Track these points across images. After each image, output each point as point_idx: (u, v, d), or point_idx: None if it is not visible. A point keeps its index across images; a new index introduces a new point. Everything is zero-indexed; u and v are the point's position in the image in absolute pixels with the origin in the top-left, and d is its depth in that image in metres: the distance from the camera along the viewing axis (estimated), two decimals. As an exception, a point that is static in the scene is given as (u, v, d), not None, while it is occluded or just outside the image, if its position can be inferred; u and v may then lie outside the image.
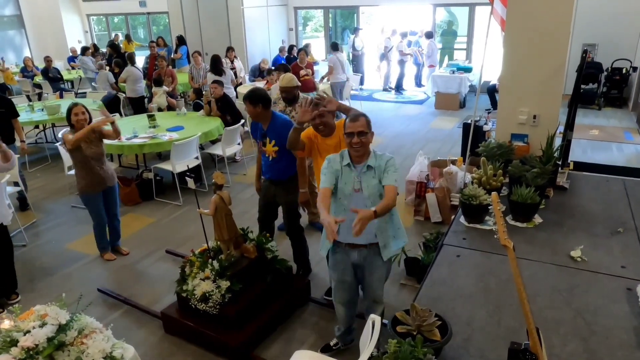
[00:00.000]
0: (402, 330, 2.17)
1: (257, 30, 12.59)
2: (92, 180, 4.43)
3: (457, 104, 10.48)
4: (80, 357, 2.30)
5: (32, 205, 5.99)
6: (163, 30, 15.66)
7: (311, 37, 16.39)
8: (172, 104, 8.14)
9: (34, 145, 8.32)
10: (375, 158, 2.80)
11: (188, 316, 3.52)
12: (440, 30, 13.33)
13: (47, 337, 2.27)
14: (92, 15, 16.14)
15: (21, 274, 4.51)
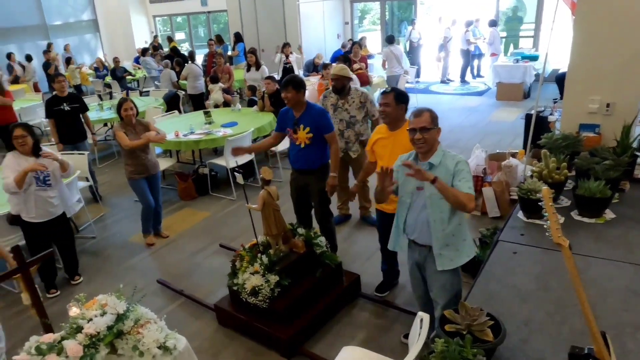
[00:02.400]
0: (451, 329, 2.06)
1: (312, 25, 12.62)
2: (137, 167, 4.77)
3: (521, 94, 9.96)
4: (136, 345, 2.40)
5: (102, 199, 6.38)
6: (222, 28, 16.11)
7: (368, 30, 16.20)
8: (228, 100, 8.33)
9: (103, 142, 8.84)
10: (442, 156, 2.64)
11: (239, 309, 3.59)
12: (505, 18, 12.71)
13: (107, 325, 2.39)
14: (157, 16, 16.91)
15: (90, 264, 4.84)
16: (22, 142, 3.95)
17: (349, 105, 4.65)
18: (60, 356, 2.22)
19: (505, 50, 12.02)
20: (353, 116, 4.65)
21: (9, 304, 4.27)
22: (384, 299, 3.88)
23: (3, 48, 14.16)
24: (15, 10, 14.43)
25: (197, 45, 15.13)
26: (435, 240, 2.67)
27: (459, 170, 2.57)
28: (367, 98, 4.69)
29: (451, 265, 2.71)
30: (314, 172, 4.08)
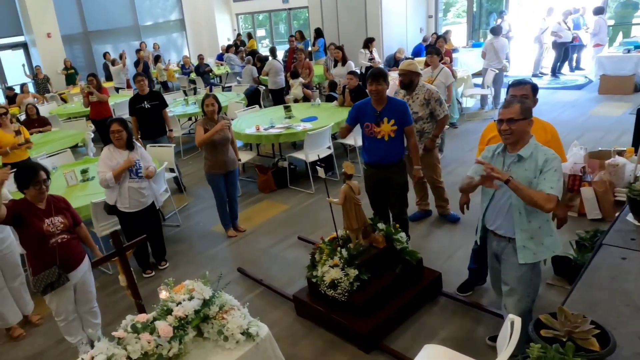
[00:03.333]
0: (548, 334, 1.93)
1: (394, 19, 12.46)
2: (216, 162, 4.96)
3: (631, 88, 9.12)
4: (221, 330, 2.53)
5: (186, 190, 6.75)
6: (303, 24, 16.39)
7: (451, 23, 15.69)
8: (307, 95, 8.46)
9: (187, 136, 9.35)
10: (533, 149, 2.57)
11: (318, 301, 3.63)
12: (616, 4, 11.70)
13: (195, 309, 2.53)
14: (240, 14, 17.57)
15: (175, 251, 5.14)
16: (118, 136, 4.29)
17: (412, 101, 4.56)
18: (153, 335, 2.38)
19: (612, 41, 11.07)
20: (415, 112, 4.55)
21: (104, 284, 4.65)
22: (467, 299, 3.76)
23: (100, 48, 15.48)
24: (113, 14, 15.69)
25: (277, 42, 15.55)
26: (518, 232, 2.64)
27: (546, 168, 2.51)
28: (432, 96, 4.56)
29: (534, 258, 2.68)
30: (394, 166, 4.07)
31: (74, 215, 3.55)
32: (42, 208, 3.33)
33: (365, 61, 9.75)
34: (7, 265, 4.00)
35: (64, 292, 3.43)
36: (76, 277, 3.48)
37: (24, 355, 3.88)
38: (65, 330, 3.61)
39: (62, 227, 3.37)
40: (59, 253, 3.31)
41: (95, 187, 5.26)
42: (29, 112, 8.46)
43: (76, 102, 11.03)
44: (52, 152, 6.65)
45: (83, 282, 3.57)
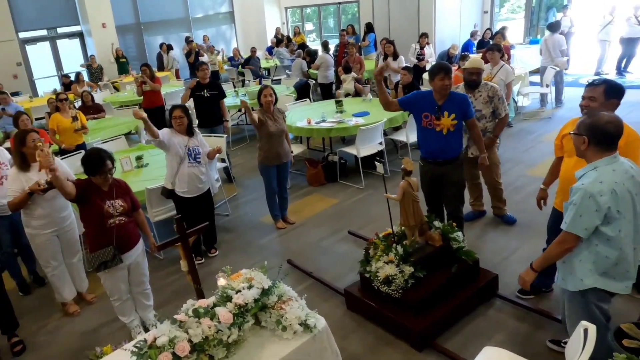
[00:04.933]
0: (631, 345, 1.86)
1: (448, 15, 12.25)
2: (271, 153, 5.04)
3: None
4: (279, 320, 2.58)
5: (235, 180, 6.88)
6: (351, 19, 16.33)
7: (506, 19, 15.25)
8: (359, 90, 8.42)
9: (236, 127, 9.51)
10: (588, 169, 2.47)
11: (370, 296, 3.63)
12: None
13: (254, 298, 2.59)
14: (289, 7, 17.70)
15: (224, 239, 5.26)
16: (179, 122, 4.45)
17: (475, 99, 4.47)
18: (213, 321, 2.43)
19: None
20: (479, 110, 4.47)
21: (155, 268, 4.79)
22: (527, 303, 3.66)
23: (150, 39, 15.97)
24: (165, 5, 16.12)
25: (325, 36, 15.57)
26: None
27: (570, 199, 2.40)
28: (495, 93, 4.47)
29: (566, 285, 2.57)
30: (451, 162, 4.03)
31: (133, 200, 3.71)
32: (105, 190, 3.49)
33: (413, 57, 9.63)
34: (67, 241, 4.22)
35: (117, 272, 3.59)
36: (130, 259, 3.63)
37: (78, 331, 4.09)
38: (119, 309, 3.77)
39: (122, 210, 3.53)
40: (116, 234, 3.48)
41: (150, 173, 5.46)
42: (84, 99, 8.83)
43: (128, 90, 11.41)
44: (106, 138, 6.94)
45: (137, 264, 3.73)
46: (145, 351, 2.33)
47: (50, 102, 8.16)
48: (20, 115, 5.44)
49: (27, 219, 4.01)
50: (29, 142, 3.87)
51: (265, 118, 4.96)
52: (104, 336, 3.95)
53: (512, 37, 12.01)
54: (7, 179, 4.25)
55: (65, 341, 3.98)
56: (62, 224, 4.11)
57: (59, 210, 4.05)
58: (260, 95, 5.02)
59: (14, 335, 3.94)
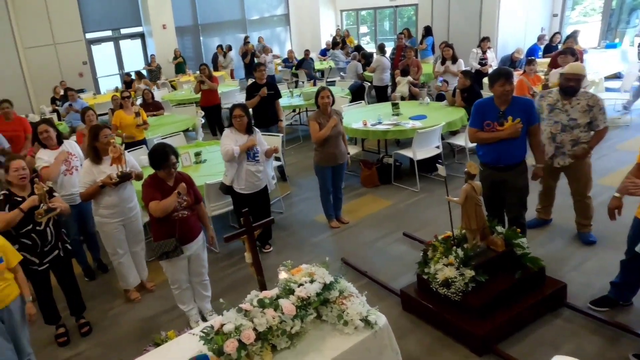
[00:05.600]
0: None
1: (512, 18, 11.94)
2: (327, 155, 5.13)
3: None
4: (341, 315, 2.63)
5: (289, 179, 7.01)
6: (407, 22, 16.25)
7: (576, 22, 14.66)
8: (415, 94, 8.38)
9: (289, 127, 9.67)
10: None
11: (427, 298, 3.62)
12: None
13: (316, 292, 2.65)
14: (344, 10, 17.82)
15: (278, 236, 5.37)
16: (239, 120, 4.60)
17: (571, 107, 4.24)
18: (277, 312, 2.51)
19: None
20: (574, 119, 4.24)
21: (212, 261, 4.86)
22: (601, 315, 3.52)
23: (207, 40, 16.50)
24: (222, 7, 16.63)
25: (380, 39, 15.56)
26: None
27: None
28: (597, 103, 4.20)
29: None
30: (515, 167, 3.97)
31: (196, 194, 3.87)
32: (170, 185, 3.68)
33: (475, 62, 9.46)
34: (132, 231, 4.45)
35: (178, 262, 3.77)
36: (190, 250, 3.79)
37: (139, 316, 4.29)
38: (179, 298, 3.95)
39: (185, 204, 3.70)
40: (179, 226, 3.65)
41: (208, 169, 5.65)
42: (145, 96, 9.25)
43: (185, 89, 11.84)
44: (165, 135, 7.21)
45: (197, 256, 3.89)
46: (212, 337, 2.42)
47: (113, 99, 8.59)
48: (87, 111, 5.78)
49: (96, 208, 4.26)
50: (101, 138, 4.13)
51: (322, 120, 5.04)
52: (163, 323, 4.12)
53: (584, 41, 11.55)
54: (77, 169, 4.58)
55: (127, 325, 4.19)
56: (129, 214, 4.34)
57: (126, 200, 4.28)
58: (317, 97, 5.10)
59: (81, 317, 4.20)
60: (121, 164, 4.09)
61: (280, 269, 2.89)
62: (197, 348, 2.43)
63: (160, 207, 3.53)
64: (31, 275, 3.70)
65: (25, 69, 13.64)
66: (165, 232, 3.63)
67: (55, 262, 3.88)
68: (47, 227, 3.74)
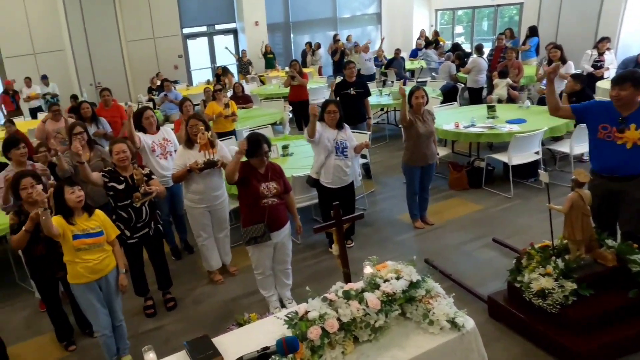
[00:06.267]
0: None
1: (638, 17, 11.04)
2: (417, 154, 5.15)
3: None
4: (426, 314, 2.61)
5: (373, 176, 7.06)
6: (508, 22, 15.61)
7: None
8: (513, 96, 8.02)
9: (376, 125, 9.66)
10: None
11: (519, 307, 3.50)
12: None
13: (402, 289, 2.66)
14: (440, 9, 17.50)
15: (361, 232, 5.44)
16: (332, 116, 4.72)
17: None
18: (361, 304, 2.54)
19: None
20: None
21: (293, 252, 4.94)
22: None
23: (297, 37, 16.95)
24: (314, 5, 17.01)
25: (476, 39, 15.07)
26: None
27: None
28: None
29: None
30: (634, 178, 3.63)
31: (286, 184, 4.01)
32: (261, 173, 3.84)
33: (588, 65, 8.86)
34: (218, 218, 4.69)
35: (264, 248, 3.91)
36: (277, 238, 3.93)
37: (221, 298, 4.54)
38: (261, 283, 4.11)
39: (275, 192, 3.84)
40: (268, 213, 3.79)
41: (294, 162, 5.81)
42: (235, 89, 9.68)
43: (274, 84, 12.24)
44: (253, 127, 7.47)
45: (282, 244, 4.02)
46: (296, 322, 2.49)
47: (205, 91, 9.07)
48: (185, 102, 6.22)
49: (185, 192, 4.59)
50: (191, 124, 4.42)
51: (415, 119, 5.06)
52: (243, 306, 4.31)
53: None
54: (170, 155, 4.94)
55: (209, 305, 4.45)
56: (214, 202, 4.58)
57: (213, 188, 4.52)
58: (411, 97, 5.10)
59: (168, 292, 4.51)
60: (208, 151, 4.34)
61: (366, 263, 2.92)
62: (280, 332, 2.48)
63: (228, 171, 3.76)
64: (123, 247, 3.98)
65: (126, 60, 14.89)
66: (254, 218, 3.79)
67: (146, 239, 4.18)
68: (143, 205, 4.06)
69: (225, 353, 2.56)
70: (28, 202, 3.67)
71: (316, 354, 2.37)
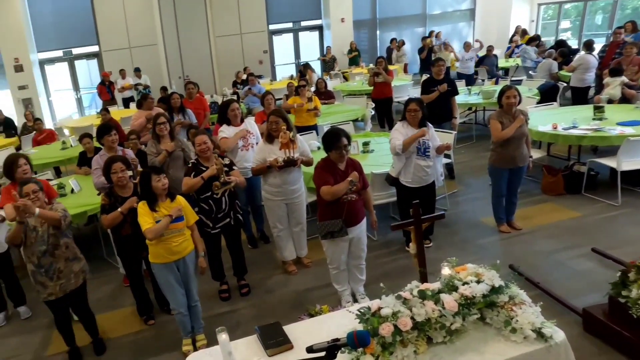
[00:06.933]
0: None
1: None
2: (505, 156, 4.98)
3: None
4: (509, 321, 2.50)
5: (456, 177, 6.90)
6: (631, 14, 14.40)
7: None
8: (629, 96, 7.34)
9: (462, 125, 9.37)
10: None
11: (622, 324, 3.28)
12: None
13: (482, 293, 2.57)
14: (543, 4, 16.58)
15: (440, 233, 5.31)
16: (413, 115, 4.68)
17: None
18: (437, 305, 2.48)
19: None
20: None
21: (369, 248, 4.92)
22: None
23: (383, 34, 16.85)
24: (403, 2, 16.82)
25: (586, 35, 14.02)
26: None
27: None
28: None
29: None
30: None
31: (364, 180, 4.02)
32: (341, 169, 3.87)
33: None
34: (294, 212, 4.81)
35: (340, 243, 3.95)
36: (353, 233, 3.95)
37: (293, 288, 4.68)
38: (335, 277, 4.15)
39: (355, 188, 3.83)
40: (346, 209, 3.82)
41: (375, 159, 5.80)
42: (318, 85, 9.89)
43: (357, 80, 12.27)
44: (335, 122, 7.57)
45: (358, 240, 4.04)
46: (368, 317, 2.49)
47: (288, 86, 9.28)
48: (267, 96, 6.42)
49: (263, 184, 4.76)
50: (272, 120, 4.57)
51: (505, 119, 4.89)
52: (314, 298, 4.37)
53: None
54: (252, 147, 5.15)
55: (282, 294, 4.60)
56: (291, 196, 4.69)
57: (290, 183, 4.63)
58: (502, 96, 4.93)
59: (242, 278, 4.72)
60: (289, 149, 4.45)
61: (444, 264, 2.85)
62: (351, 325, 2.47)
63: (331, 192, 3.73)
64: (205, 236, 4.24)
65: (213, 55, 15.65)
66: (332, 213, 3.83)
67: (226, 228, 4.43)
68: (223, 196, 4.29)
69: (295, 341, 2.62)
70: (118, 185, 4.01)
71: (387, 350, 2.35)
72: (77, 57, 14.83)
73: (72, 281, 3.72)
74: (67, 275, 3.68)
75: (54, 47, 14.39)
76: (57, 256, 3.61)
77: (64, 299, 3.73)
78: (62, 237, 3.64)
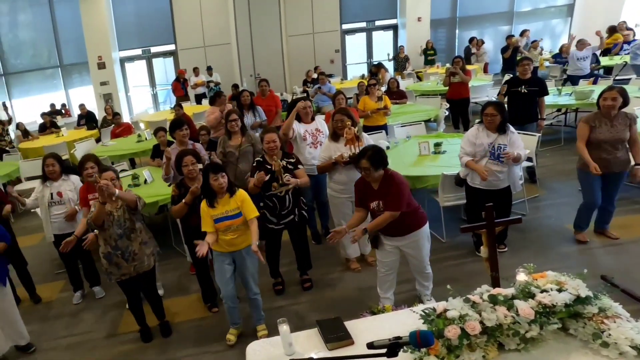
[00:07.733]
0: None
1: None
2: (595, 160, 4.63)
3: None
4: (598, 334, 2.36)
5: (539, 181, 6.58)
6: None
7: None
8: None
9: (549, 127, 8.94)
10: None
11: None
12: None
13: (565, 302, 2.43)
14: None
15: (515, 238, 5.15)
16: (490, 120, 4.53)
17: None
18: (510, 312, 2.38)
19: None
20: None
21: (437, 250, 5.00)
22: None
23: (463, 33, 16.44)
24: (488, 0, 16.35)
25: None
26: None
27: None
28: None
29: None
30: None
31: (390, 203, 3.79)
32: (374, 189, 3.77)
33: None
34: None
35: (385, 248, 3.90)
36: (398, 242, 3.84)
37: (355, 285, 4.74)
38: (380, 281, 4.06)
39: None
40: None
41: (446, 160, 5.67)
42: (390, 85, 9.84)
43: (432, 80, 12.06)
44: (406, 123, 7.50)
45: (412, 249, 3.89)
46: (433, 318, 2.43)
47: (359, 85, 9.27)
48: (338, 95, 6.49)
49: (329, 181, 4.84)
50: (337, 119, 4.65)
51: (598, 123, 4.58)
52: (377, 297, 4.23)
53: None
54: (321, 144, 5.25)
55: (343, 290, 4.66)
56: None
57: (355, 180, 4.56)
58: (600, 98, 4.62)
59: (305, 273, 4.81)
60: (354, 145, 4.48)
61: (520, 270, 2.72)
62: (414, 325, 2.41)
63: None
64: (267, 231, 4.38)
65: (285, 54, 16.02)
66: None
67: (290, 224, 4.54)
68: (287, 194, 4.41)
69: (356, 338, 2.60)
70: (188, 178, 4.24)
71: (453, 353, 2.29)
72: (155, 55, 15.75)
73: (145, 263, 4.06)
74: (141, 257, 4.02)
75: (134, 46, 15.41)
76: (132, 239, 3.95)
77: (137, 278, 4.06)
78: (137, 221, 3.98)
